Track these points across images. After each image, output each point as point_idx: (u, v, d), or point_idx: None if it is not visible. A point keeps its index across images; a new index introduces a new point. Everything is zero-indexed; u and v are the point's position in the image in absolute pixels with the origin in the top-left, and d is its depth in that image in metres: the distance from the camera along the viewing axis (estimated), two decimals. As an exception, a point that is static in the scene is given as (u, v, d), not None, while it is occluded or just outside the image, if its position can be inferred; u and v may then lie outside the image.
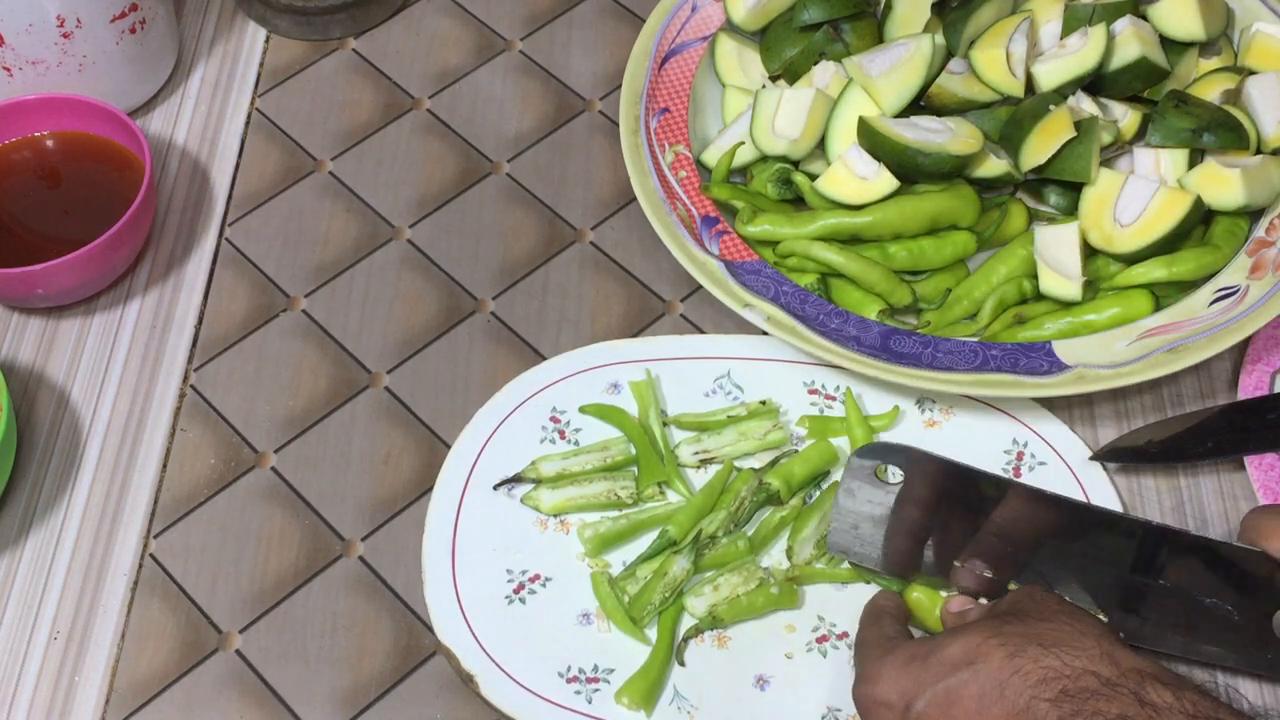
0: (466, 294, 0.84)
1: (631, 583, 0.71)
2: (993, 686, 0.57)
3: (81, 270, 0.79)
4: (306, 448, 0.78)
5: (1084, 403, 0.79)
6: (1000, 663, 0.58)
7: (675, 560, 0.71)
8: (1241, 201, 0.78)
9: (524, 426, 0.77)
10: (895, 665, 0.61)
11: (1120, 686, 0.56)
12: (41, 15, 0.82)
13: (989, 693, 0.57)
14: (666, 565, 0.71)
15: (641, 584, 0.71)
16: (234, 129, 0.92)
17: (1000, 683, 0.57)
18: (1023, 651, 0.58)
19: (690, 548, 0.71)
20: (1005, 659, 0.58)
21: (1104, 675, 0.57)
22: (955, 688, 0.58)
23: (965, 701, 0.58)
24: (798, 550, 0.72)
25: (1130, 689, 0.56)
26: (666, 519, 0.73)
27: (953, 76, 0.83)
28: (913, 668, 0.60)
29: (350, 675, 0.71)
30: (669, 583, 0.70)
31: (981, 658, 0.58)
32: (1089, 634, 0.59)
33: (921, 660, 0.60)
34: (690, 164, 0.84)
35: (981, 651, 0.59)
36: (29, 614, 0.73)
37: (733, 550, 0.72)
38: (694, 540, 0.71)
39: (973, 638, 0.60)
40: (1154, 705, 0.55)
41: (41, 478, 0.77)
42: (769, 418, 0.76)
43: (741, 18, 0.88)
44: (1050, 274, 0.78)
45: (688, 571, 0.71)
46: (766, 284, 0.78)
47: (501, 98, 0.93)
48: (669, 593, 0.70)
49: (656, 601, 0.70)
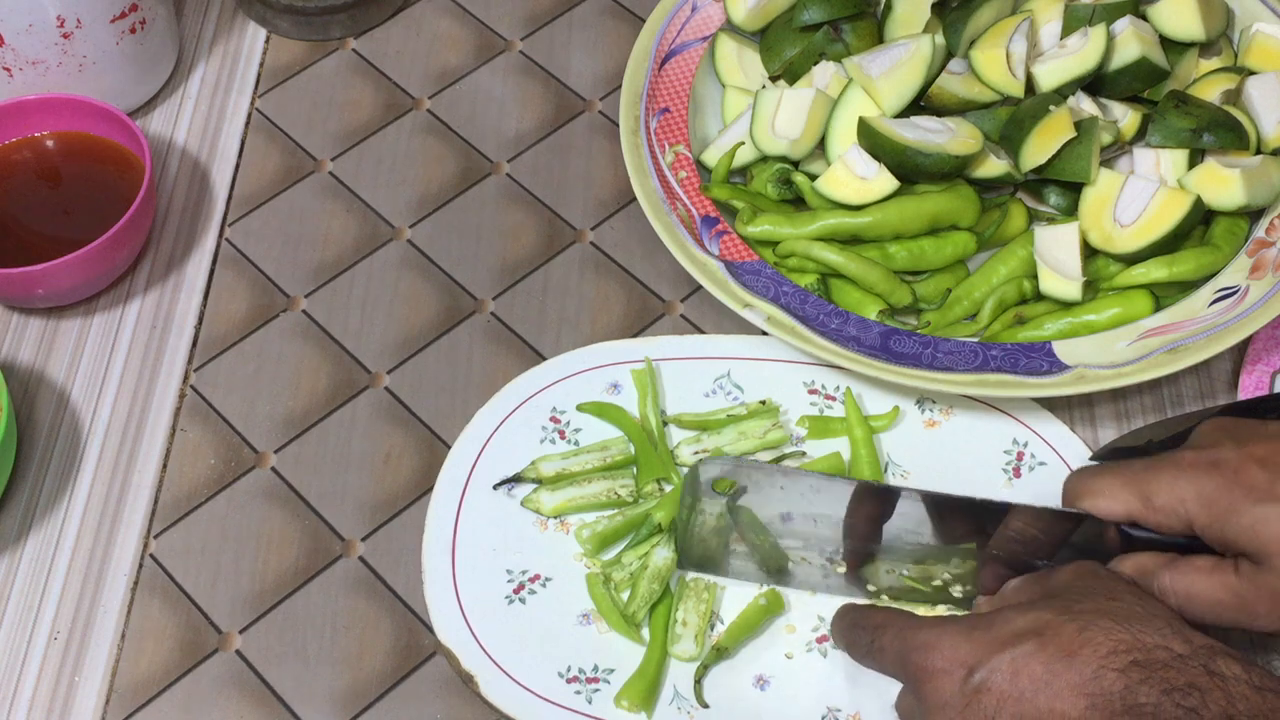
0: (466, 294, 0.84)
1: (618, 569, 0.71)
2: (1061, 657, 0.57)
3: (81, 270, 0.79)
4: (306, 448, 0.78)
5: (1084, 403, 0.79)
6: (1071, 635, 0.57)
7: (656, 551, 0.71)
8: (1241, 201, 0.78)
9: (524, 427, 0.77)
10: (956, 633, 0.60)
11: (1190, 660, 0.56)
12: (41, 15, 0.82)
13: (1057, 663, 0.57)
14: (649, 557, 0.71)
15: (628, 570, 0.71)
16: (234, 129, 0.92)
17: (1070, 654, 0.57)
18: (1094, 624, 0.57)
19: (670, 537, 0.71)
20: (1076, 632, 0.57)
21: (1176, 650, 0.57)
22: (1022, 657, 0.57)
23: (1033, 670, 0.57)
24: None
25: (1200, 663, 0.56)
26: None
27: (953, 76, 0.83)
28: (976, 636, 0.59)
29: (350, 675, 0.71)
30: (654, 574, 0.70)
31: (1051, 630, 0.58)
32: (1160, 614, 0.59)
33: (985, 629, 0.59)
34: (690, 164, 0.84)
35: (1051, 624, 0.58)
36: (29, 614, 0.73)
37: None
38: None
39: (1042, 612, 0.59)
40: (1221, 675, 0.55)
41: (41, 478, 0.77)
42: (769, 417, 0.76)
43: (741, 18, 0.88)
44: (1050, 274, 0.78)
45: (670, 560, 0.71)
46: (766, 284, 0.78)
47: (501, 98, 0.93)
48: (656, 584, 0.70)
49: (645, 594, 0.70)
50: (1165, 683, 0.55)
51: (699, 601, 0.70)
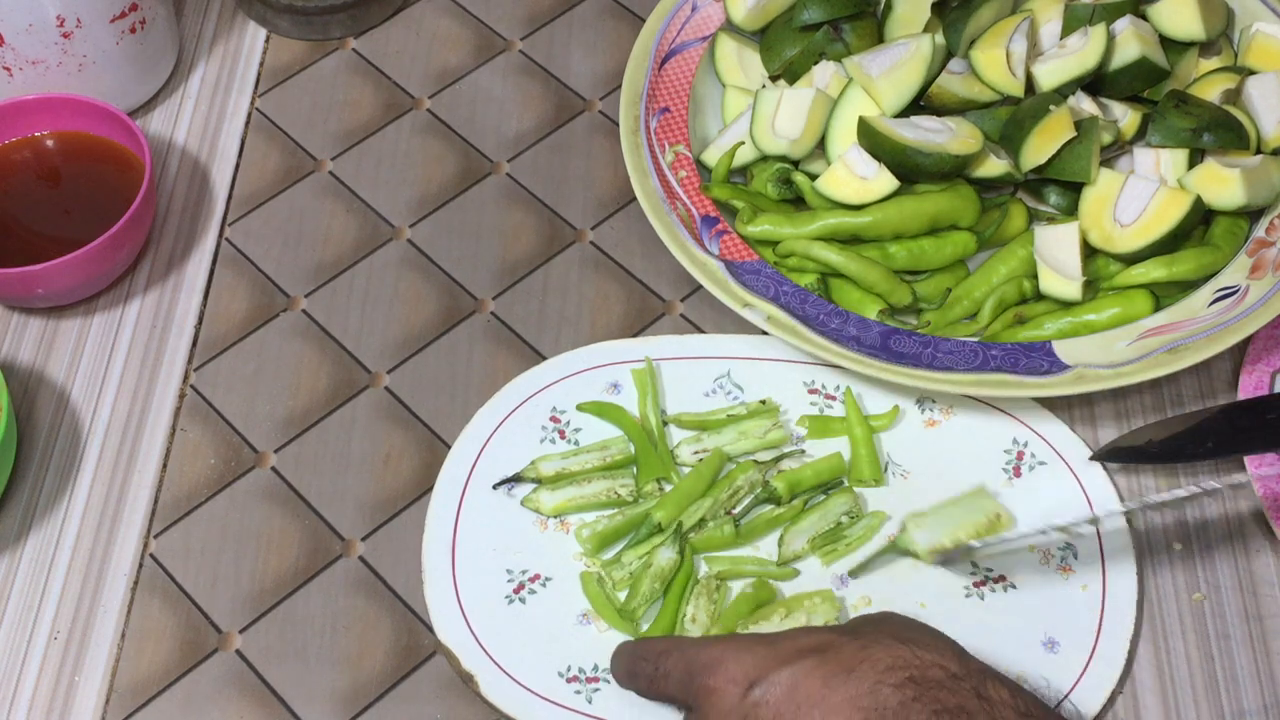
0: (466, 294, 0.84)
1: (617, 569, 0.71)
2: (840, 672, 0.57)
3: (81, 270, 0.79)
4: (306, 448, 0.78)
5: (1084, 403, 0.79)
6: (853, 651, 0.58)
7: (659, 551, 0.71)
8: (1241, 201, 0.78)
9: (524, 426, 0.77)
10: (740, 649, 0.60)
11: (964, 681, 0.57)
12: (41, 15, 0.82)
13: (835, 678, 0.57)
14: (653, 556, 0.71)
15: (627, 569, 0.71)
16: (234, 129, 0.92)
17: (849, 669, 0.57)
18: (877, 642, 0.58)
19: (674, 537, 0.71)
20: (858, 649, 0.58)
21: (950, 669, 0.58)
22: (801, 672, 0.57)
23: (810, 685, 0.57)
24: (790, 541, 0.72)
25: (972, 685, 0.57)
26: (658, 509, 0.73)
27: (953, 76, 0.83)
28: (758, 650, 0.59)
29: (350, 675, 0.71)
30: (656, 573, 0.70)
31: (833, 647, 0.58)
32: (942, 639, 0.60)
33: (768, 645, 0.60)
34: (690, 164, 0.84)
35: (835, 643, 0.59)
36: (29, 614, 0.73)
37: (718, 535, 0.72)
38: (677, 529, 0.71)
39: (828, 633, 0.60)
40: (990, 700, 0.57)
41: (41, 478, 0.77)
42: (769, 417, 0.76)
43: (741, 18, 0.88)
44: (1050, 274, 0.78)
45: (674, 562, 0.71)
46: (766, 284, 0.78)
47: (501, 98, 0.93)
48: (658, 583, 0.70)
49: (646, 593, 0.70)
50: (937, 702, 0.56)
51: (709, 601, 0.70)
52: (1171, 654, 0.71)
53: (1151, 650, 0.71)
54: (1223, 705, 0.69)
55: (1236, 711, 0.69)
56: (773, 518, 0.73)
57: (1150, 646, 0.71)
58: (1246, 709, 0.69)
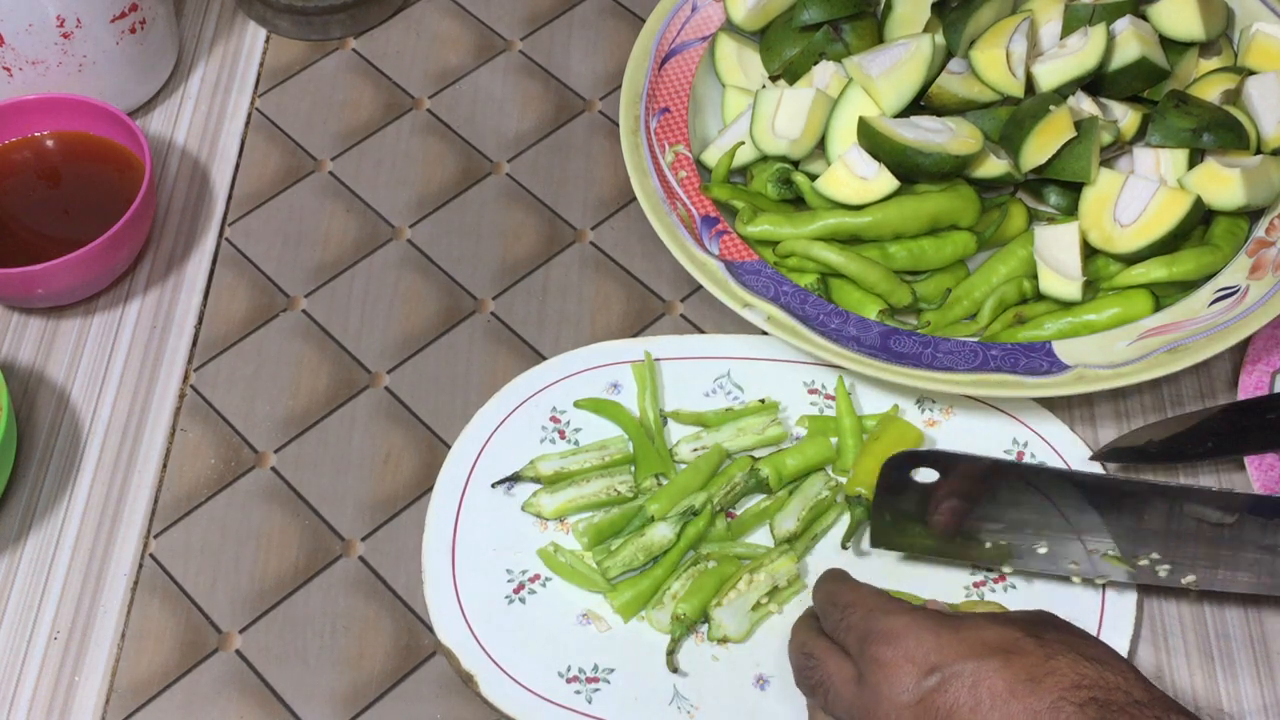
0: (466, 294, 0.84)
1: (609, 558, 0.72)
2: (1025, 680, 0.56)
3: (81, 270, 0.79)
4: (306, 448, 0.78)
5: (1084, 403, 0.79)
6: (1038, 659, 0.57)
7: (657, 526, 0.71)
8: (1241, 201, 0.78)
9: (524, 426, 0.77)
10: (923, 629, 0.59)
11: (1148, 709, 0.56)
12: (41, 15, 0.82)
13: (1020, 685, 0.56)
14: (648, 528, 0.71)
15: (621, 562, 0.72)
16: (234, 129, 0.92)
17: (1034, 679, 0.56)
18: (1060, 655, 0.57)
19: (677, 519, 0.71)
20: (1043, 658, 0.57)
21: (1135, 696, 0.56)
22: (986, 671, 0.57)
23: (994, 685, 0.57)
24: (779, 524, 0.72)
25: (1155, 714, 0.56)
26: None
27: (953, 76, 0.83)
28: (944, 636, 0.59)
29: (350, 675, 0.71)
30: (644, 545, 0.71)
31: (1018, 650, 0.58)
32: (1123, 660, 0.59)
33: (953, 632, 0.59)
34: (690, 164, 0.84)
35: (1020, 645, 0.58)
36: (29, 614, 0.73)
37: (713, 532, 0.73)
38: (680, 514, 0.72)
39: (1010, 630, 0.59)
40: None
41: (41, 478, 0.77)
42: (767, 413, 0.76)
43: (741, 18, 0.88)
44: (1050, 274, 0.78)
45: (668, 540, 0.71)
46: (766, 284, 0.78)
47: (501, 98, 0.93)
48: (641, 554, 0.71)
49: (625, 558, 0.71)
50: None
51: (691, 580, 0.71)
52: (1171, 654, 0.71)
53: (1151, 650, 0.71)
54: (1223, 705, 0.69)
55: (1236, 712, 0.69)
56: (760, 510, 0.74)
57: (1150, 647, 0.71)
58: (1246, 709, 0.69)
